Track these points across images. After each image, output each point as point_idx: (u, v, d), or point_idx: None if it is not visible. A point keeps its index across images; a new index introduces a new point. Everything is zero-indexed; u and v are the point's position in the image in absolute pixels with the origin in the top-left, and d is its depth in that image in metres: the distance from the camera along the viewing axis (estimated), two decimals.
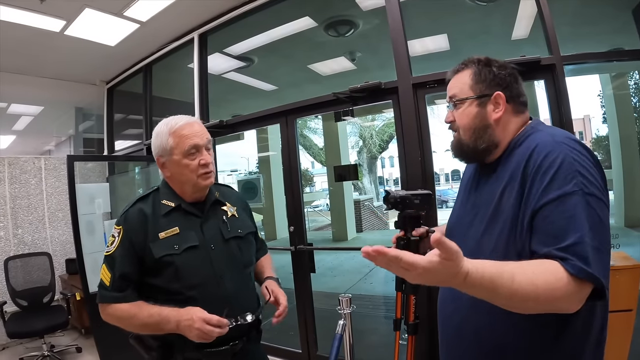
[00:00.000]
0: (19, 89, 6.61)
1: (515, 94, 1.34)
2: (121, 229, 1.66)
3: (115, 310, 1.62)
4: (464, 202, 1.48)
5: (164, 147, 1.70)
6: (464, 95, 1.35)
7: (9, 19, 4.32)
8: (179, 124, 1.71)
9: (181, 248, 1.65)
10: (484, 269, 0.98)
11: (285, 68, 6.53)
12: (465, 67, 1.38)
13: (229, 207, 1.88)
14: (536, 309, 1.04)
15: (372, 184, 25.38)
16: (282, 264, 5.30)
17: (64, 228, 6.14)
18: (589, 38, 4.30)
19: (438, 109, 14.13)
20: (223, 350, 1.65)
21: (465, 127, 1.35)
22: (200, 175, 1.69)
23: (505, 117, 1.32)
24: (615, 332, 2.59)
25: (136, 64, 6.14)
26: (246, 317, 1.70)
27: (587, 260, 0.99)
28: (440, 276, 0.93)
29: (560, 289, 0.99)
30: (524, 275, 0.99)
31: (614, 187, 7.59)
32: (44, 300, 5.20)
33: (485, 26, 4.57)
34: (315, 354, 4.13)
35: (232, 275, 1.74)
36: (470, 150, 1.36)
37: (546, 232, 1.07)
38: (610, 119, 7.75)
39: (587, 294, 1.01)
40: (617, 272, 2.65)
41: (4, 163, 5.70)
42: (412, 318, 1.72)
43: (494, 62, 1.36)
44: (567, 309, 1.03)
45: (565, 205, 1.06)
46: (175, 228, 1.68)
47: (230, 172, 16.11)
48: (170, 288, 1.63)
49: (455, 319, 1.37)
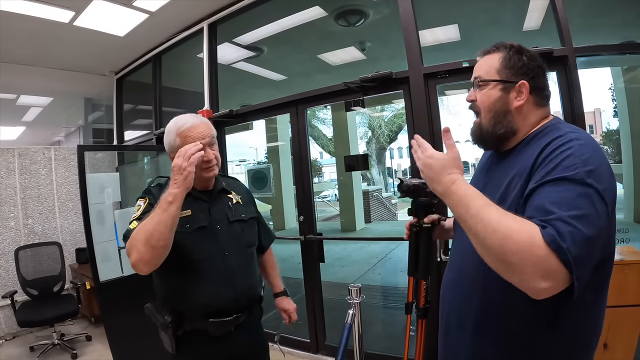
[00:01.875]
0: (29, 80, 6.65)
1: (540, 87, 1.33)
2: (146, 199, 1.84)
3: (135, 234, 1.64)
4: (476, 185, 1.48)
5: (172, 145, 1.87)
6: (489, 77, 1.35)
7: (18, 10, 4.34)
8: (185, 125, 1.86)
9: (192, 227, 1.84)
10: (468, 186, 1.19)
11: (295, 58, 6.51)
12: (496, 50, 1.38)
13: (234, 195, 2.09)
14: (501, 255, 1.02)
15: (381, 175, 25.35)
16: (291, 253, 5.32)
17: (74, 218, 6.19)
18: (601, 30, 4.25)
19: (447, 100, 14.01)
20: (227, 321, 1.85)
21: (486, 109, 1.35)
22: (203, 169, 1.86)
23: (527, 107, 1.31)
24: (624, 327, 2.60)
25: (145, 54, 6.15)
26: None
27: (562, 236, 0.96)
28: (441, 165, 1.24)
29: (521, 238, 0.98)
30: (496, 209, 1.08)
31: (624, 181, 7.52)
32: (54, 289, 5.24)
33: (497, 16, 4.52)
34: (323, 344, 4.15)
35: (236, 253, 1.95)
36: (489, 135, 1.36)
37: (536, 205, 1.07)
38: (621, 112, 7.66)
39: (554, 274, 0.97)
40: (625, 267, 2.65)
41: (14, 154, 5.74)
42: (423, 302, 1.79)
43: (525, 51, 1.35)
44: (526, 276, 0.99)
45: (561, 187, 1.05)
46: (188, 210, 1.83)
47: (239, 162, 16.12)
48: (181, 261, 1.79)
49: (455, 305, 1.39)
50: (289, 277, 5.05)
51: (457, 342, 1.38)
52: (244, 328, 1.94)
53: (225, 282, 1.86)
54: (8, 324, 5.39)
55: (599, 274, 1.13)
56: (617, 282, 2.38)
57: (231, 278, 1.88)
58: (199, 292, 1.82)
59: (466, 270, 1.28)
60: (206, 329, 1.82)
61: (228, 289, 1.86)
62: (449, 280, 1.47)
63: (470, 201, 1.12)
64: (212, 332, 1.83)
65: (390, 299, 6.07)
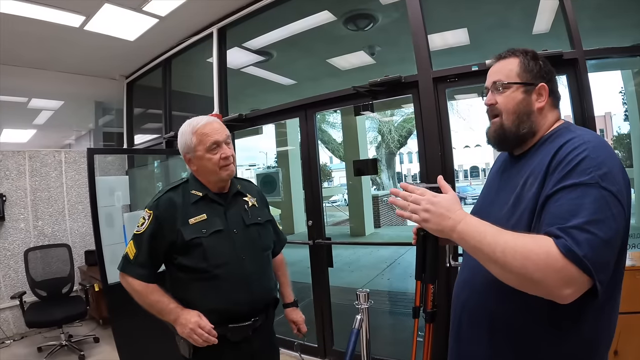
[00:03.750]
0: (40, 84, 6.72)
1: (555, 89, 1.38)
2: (152, 214, 1.84)
3: (132, 282, 1.82)
4: (490, 188, 1.52)
5: (188, 145, 1.90)
6: (511, 80, 1.37)
7: (29, 15, 4.38)
8: (200, 123, 1.89)
9: (208, 232, 1.84)
10: (477, 220, 1.19)
11: (304, 62, 6.51)
12: (511, 55, 1.40)
13: (250, 198, 2.10)
14: (523, 273, 1.05)
15: (391, 180, 25.28)
16: (300, 258, 5.30)
17: (84, 220, 6.22)
18: (611, 32, 4.22)
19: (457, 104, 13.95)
20: (245, 325, 1.86)
21: (510, 110, 1.36)
22: (222, 167, 1.88)
23: (546, 109, 1.35)
24: (635, 334, 2.56)
25: (155, 59, 6.19)
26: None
27: (580, 245, 1.00)
28: (443, 207, 1.23)
29: (539, 256, 1.02)
30: (508, 233, 1.10)
31: (635, 186, 7.45)
32: (62, 290, 5.26)
33: (506, 20, 4.50)
34: (331, 349, 4.14)
35: (252, 257, 1.94)
36: (512, 134, 1.37)
37: (553, 214, 1.09)
38: (632, 116, 7.58)
39: (575, 281, 1.01)
40: (637, 273, 2.61)
41: (25, 156, 5.79)
42: (430, 306, 1.77)
43: (539, 56, 1.39)
44: (550, 288, 1.03)
45: (577, 192, 1.07)
46: (203, 215, 1.87)
47: (249, 167, 16.12)
48: (198, 267, 1.81)
49: (470, 304, 1.39)
50: (297, 281, 5.03)
51: (471, 343, 1.37)
52: (259, 331, 1.94)
53: (243, 287, 1.86)
54: (17, 324, 5.43)
55: (612, 276, 1.13)
56: (629, 288, 2.34)
57: (249, 282, 1.88)
58: (217, 298, 1.81)
59: (480, 269, 1.28)
60: (225, 335, 1.80)
61: (246, 293, 1.86)
62: (462, 281, 1.47)
63: (486, 230, 1.14)
64: (231, 338, 1.83)
65: (399, 305, 6.04)
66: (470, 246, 1.17)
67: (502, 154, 1.55)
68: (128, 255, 1.84)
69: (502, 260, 1.08)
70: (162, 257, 1.87)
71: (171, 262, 1.87)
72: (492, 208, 1.38)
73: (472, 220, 1.18)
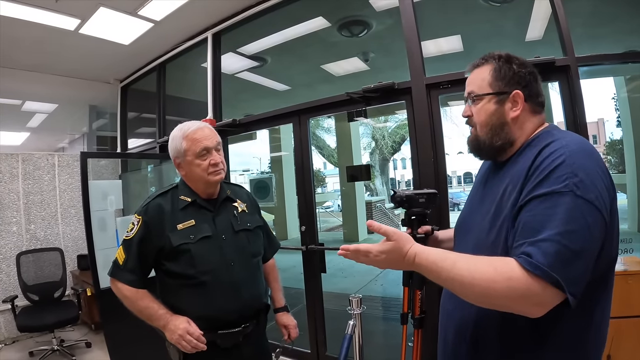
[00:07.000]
0: (34, 87, 6.70)
1: (534, 94, 1.31)
2: (141, 219, 1.85)
3: (122, 288, 1.82)
4: (474, 197, 1.50)
5: (178, 150, 1.91)
6: (482, 91, 1.34)
7: (24, 17, 4.37)
8: (191, 128, 1.90)
9: (196, 238, 1.84)
10: (429, 253, 1.18)
11: (298, 68, 6.52)
12: (485, 63, 1.37)
13: (239, 203, 2.08)
14: (487, 302, 1.09)
15: (384, 186, 25.29)
16: (293, 263, 5.30)
17: (76, 224, 6.19)
18: (603, 39, 4.25)
19: (451, 110, 14.04)
20: (235, 332, 1.86)
21: (482, 123, 1.34)
22: (210, 173, 1.88)
23: (523, 116, 1.30)
24: (627, 338, 2.58)
25: (150, 63, 6.19)
26: None
27: (547, 257, 0.98)
28: (393, 255, 1.21)
29: (500, 284, 1.02)
30: (465, 264, 1.09)
31: (628, 191, 7.50)
32: (54, 295, 5.23)
33: (499, 27, 4.53)
34: (324, 354, 4.12)
35: (241, 263, 1.94)
36: (486, 147, 1.35)
37: (525, 225, 1.08)
38: (624, 122, 7.64)
39: (541, 298, 1.00)
40: (630, 277, 2.64)
41: (18, 159, 5.76)
42: (418, 312, 1.79)
43: (514, 59, 1.34)
44: (517, 311, 1.05)
45: (549, 202, 1.05)
46: (192, 220, 1.87)
47: (242, 172, 16.12)
48: (185, 273, 1.81)
49: (456, 315, 1.37)
50: (290, 287, 5.03)
51: (456, 354, 1.37)
52: (250, 337, 1.93)
53: (231, 293, 1.85)
54: (8, 328, 5.38)
55: (600, 283, 1.13)
56: (621, 293, 2.37)
57: (237, 289, 1.87)
58: (205, 304, 1.81)
59: None
60: (215, 341, 1.80)
61: (234, 300, 1.86)
62: (448, 291, 1.44)
63: (438, 266, 1.14)
64: (220, 344, 1.82)
65: (392, 310, 6.04)
66: (431, 278, 1.18)
67: (485, 161, 1.52)
68: (118, 261, 1.85)
69: (461, 293, 1.11)
70: (152, 262, 1.87)
71: (160, 268, 1.87)
72: (475, 217, 1.37)
73: (421, 260, 1.17)
